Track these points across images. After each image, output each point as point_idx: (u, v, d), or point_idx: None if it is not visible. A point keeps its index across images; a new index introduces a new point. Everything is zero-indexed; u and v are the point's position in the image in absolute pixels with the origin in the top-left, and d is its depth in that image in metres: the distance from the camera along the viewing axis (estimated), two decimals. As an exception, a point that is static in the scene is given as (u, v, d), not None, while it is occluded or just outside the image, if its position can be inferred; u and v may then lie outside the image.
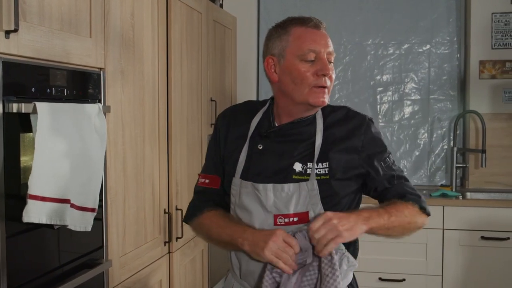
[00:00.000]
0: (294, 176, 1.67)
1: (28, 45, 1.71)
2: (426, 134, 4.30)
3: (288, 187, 1.65)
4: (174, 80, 2.81)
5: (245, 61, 4.28)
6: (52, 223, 1.76)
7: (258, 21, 4.41)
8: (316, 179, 1.65)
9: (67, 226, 1.82)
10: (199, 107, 3.22)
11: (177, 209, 2.84)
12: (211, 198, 1.85)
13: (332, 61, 1.72)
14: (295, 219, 1.63)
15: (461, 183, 4.24)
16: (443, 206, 3.68)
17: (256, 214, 1.68)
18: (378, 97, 4.35)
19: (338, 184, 1.67)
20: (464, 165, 4.16)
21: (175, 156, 2.85)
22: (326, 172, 1.66)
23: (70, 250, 1.99)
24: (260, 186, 1.68)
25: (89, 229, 1.94)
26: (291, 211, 1.64)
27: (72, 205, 1.83)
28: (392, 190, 1.73)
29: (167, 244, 2.78)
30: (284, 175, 1.68)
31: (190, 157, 3.07)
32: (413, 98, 4.31)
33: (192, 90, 3.11)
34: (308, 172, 1.66)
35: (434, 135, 4.29)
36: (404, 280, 3.72)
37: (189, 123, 3.06)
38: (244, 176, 1.74)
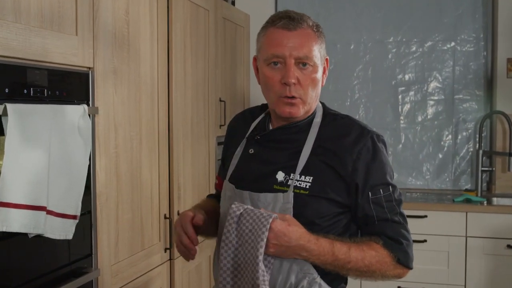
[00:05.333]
0: (275, 186, 1.54)
1: (1, 43, 1.62)
2: (450, 136, 4.09)
3: (265, 197, 1.53)
4: (175, 80, 2.70)
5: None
6: (26, 231, 1.66)
7: (275, 19, 4.27)
8: (294, 192, 1.51)
9: (42, 234, 1.72)
10: (206, 108, 3.10)
11: (179, 214, 2.73)
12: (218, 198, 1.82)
13: (309, 64, 1.53)
14: None
15: (487, 188, 4.02)
16: (467, 212, 3.49)
17: None
18: (400, 97, 4.16)
19: (316, 202, 1.50)
20: (491, 169, 3.95)
21: (177, 159, 2.74)
22: (307, 187, 1.51)
23: (56, 258, 1.90)
24: (238, 191, 1.59)
25: (70, 237, 1.84)
26: None
27: (50, 212, 1.74)
28: (367, 230, 1.56)
29: (168, 251, 2.67)
30: (265, 184, 1.56)
31: (195, 160, 2.96)
32: (436, 98, 4.11)
33: (198, 90, 3.00)
34: (289, 183, 1.53)
35: (459, 137, 4.08)
36: (424, 289, 3.55)
37: (194, 124, 2.94)
38: (230, 179, 1.67)
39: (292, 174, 1.53)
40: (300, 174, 1.52)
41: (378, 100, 4.20)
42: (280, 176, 1.54)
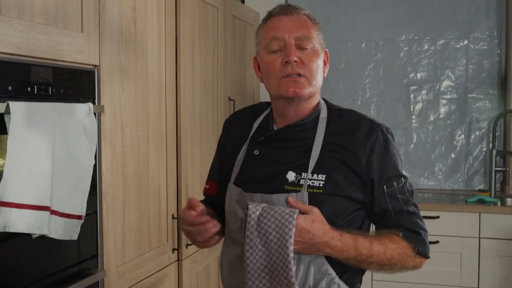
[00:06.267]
0: (286, 187, 1.50)
1: (4, 40, 1.59)
2: (463, 136, 4.03)
3: (277, 198, 1.48)
4: (184, 79, 2.67)
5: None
6: (29, 232, 1.63)
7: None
8: (308, 191, 1.46)
9: (46, 235, 1.69)
10: (214, 107, 3.06)
11: (187, 214, 2.69)
12: (209, 203, 1.74)
13: (309, 46, 1.51)
14: None
15: (501, 188, 3.95)
16: (480, 213, 3.42)
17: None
18: (412, 96, 4.10)
19: (332, 200, 1.47)
20: (504, 169, 3.88)
21: (185, 159, 2.70)
22: (321, 185, 1.47)
23: (61, 259, 1.87)
24: (248, 195, 1.53)
25: (75, 237, 1.81)
26: None
27: (54, 212, 1.71)
28: (383, 224, 1.53)
29: (175, 251, 2.63)
30: (276, 185, 1.51)
31: (203, 159, 2.92)
32: (449, 97, 4.05)
33: (206, 89, 2.96)
34: (301, 183, 1.48)
35: (472, 137, 4.01)
36: (436, 291, 3.48)
37: (202, 123, 2.90)
38: (236, 182, 1.61)
39: (304, 173, 1.49)
40: (312, 173, 1.48)
41: (390, 99, 4.14)
42: (291, 176, 1.50)
